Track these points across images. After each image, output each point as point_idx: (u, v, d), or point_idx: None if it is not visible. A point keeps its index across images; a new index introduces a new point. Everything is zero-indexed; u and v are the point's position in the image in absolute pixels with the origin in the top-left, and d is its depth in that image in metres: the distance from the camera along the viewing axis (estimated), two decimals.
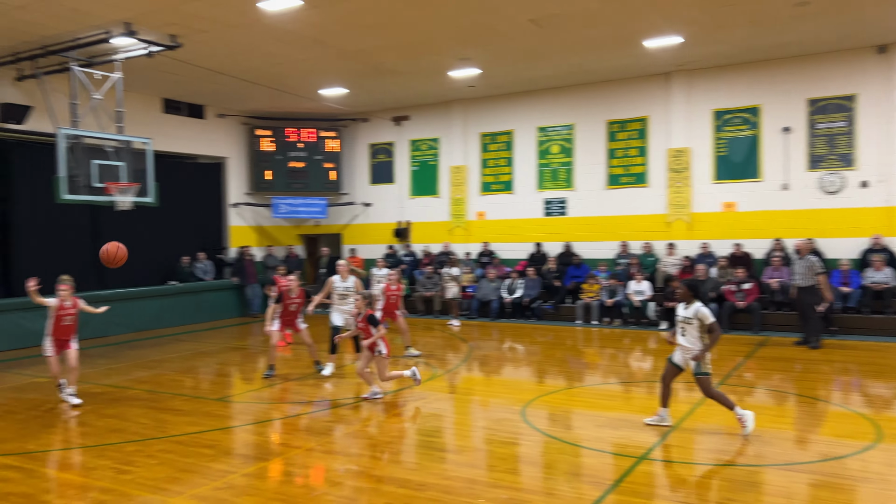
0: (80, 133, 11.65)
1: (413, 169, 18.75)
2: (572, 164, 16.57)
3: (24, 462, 6.40)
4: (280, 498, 5.35)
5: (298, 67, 13.93)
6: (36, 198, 13.90)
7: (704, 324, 6.69)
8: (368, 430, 7.30)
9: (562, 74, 15.26)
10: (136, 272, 16.23)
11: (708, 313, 6.71)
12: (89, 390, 9.44)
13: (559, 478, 5.72)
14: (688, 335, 6.81)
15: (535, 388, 9.26)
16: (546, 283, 15.88)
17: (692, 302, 6.81)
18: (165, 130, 16.36)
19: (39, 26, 10.86)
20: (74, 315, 8.62)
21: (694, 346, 6.76)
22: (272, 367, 10.00)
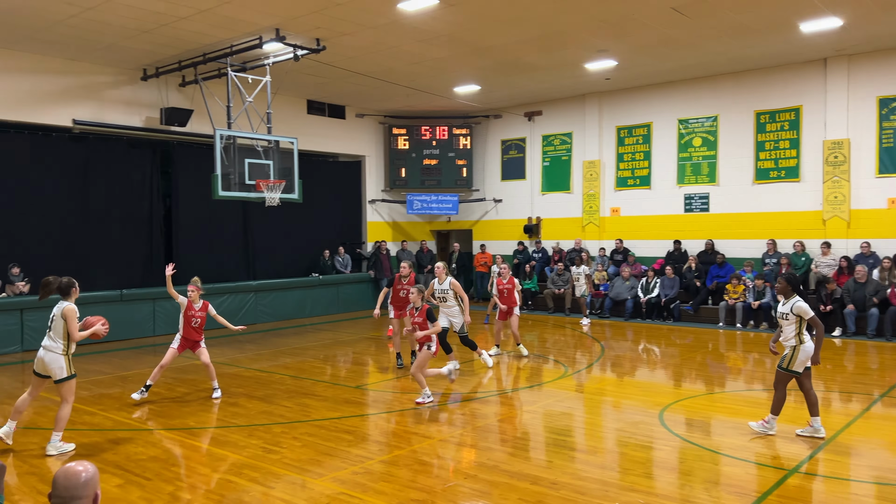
0: (234, 134, 12.51)
1: (545, 164, 18.57)
2: (716, 157, 15.74)
3: (185, 437, 6.97)
4: (415, 486, 5.48)
5: (434, 66, 14.19)
6: (194, 194, 15.09)
7: (804, 319, 6.46)
8: (500, 425, 7.31)
9: (705, 63, 14.53)
10: (282, 264, 17.29)
11: (806, 308, 6.46)
12: (240, 374, 10.14)
13: (698, 485, 5.45)
14: (784, 331, 6.61)
15: (672, 391, 8.90)
16: (685, 282, 15.21)
17: (791, 296, 6.59)
18: (309, 130, 17.23)
19: (200, 35, 11.75)
20: (202, 318, 8.54)
21: (790, 342, 6.55)
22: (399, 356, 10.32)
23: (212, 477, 5.74)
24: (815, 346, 6.55)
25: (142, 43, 12.14)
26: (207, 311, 8.62)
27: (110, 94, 13.86)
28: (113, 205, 14.30)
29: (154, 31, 11.45)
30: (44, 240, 13.34)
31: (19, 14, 10.58)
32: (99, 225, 14.08)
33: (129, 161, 14.60)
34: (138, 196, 14.73)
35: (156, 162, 15.04)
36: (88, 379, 9.81)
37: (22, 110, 12.69)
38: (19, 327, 12.10)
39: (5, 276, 12.53)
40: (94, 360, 11.34)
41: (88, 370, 10.45)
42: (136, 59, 13.23)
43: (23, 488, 5.55)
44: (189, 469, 5.94)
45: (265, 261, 16.99)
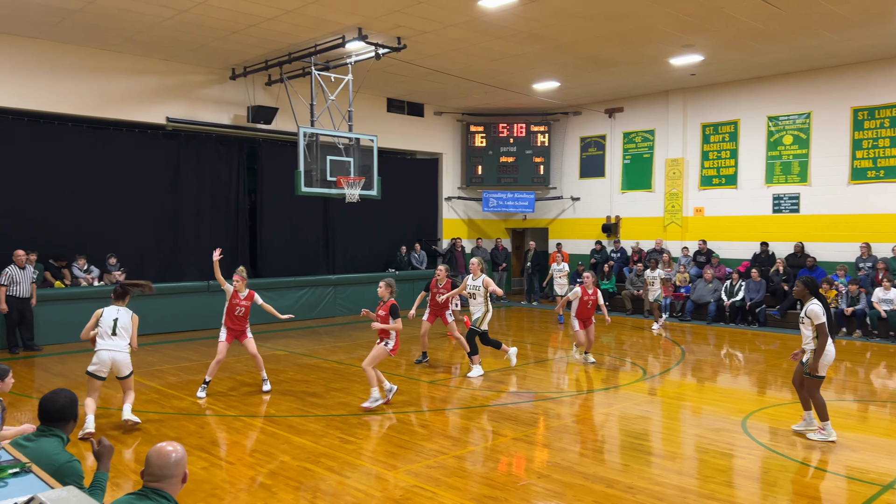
0: (317, 131, 12.82)
1: (625, 162, 18.19)
2: (808, 156, 15.02)
3: (266, 424, 7.21)
4: (487, 483, 5.49)
5: (513, 63, 14.12)
6: (278, 190, 15.56)
7: (814, 324, 6.48)
8: (575, 426, 7.23)
9: (797, 58, 13.88)
10: (360, 259, 17.62)
11: (819, 312, 6.47)
12: (318, 365, 10.40)
13: (782, 497, 5.23)
14: (803, 334, 6.64)
15: (756, 399, 8.57)
16: (772, 286, 14.58)
17: (808, 300, 6.60)
18: (388, 128, 17.47)
19: (286, 35, 12.10)
20: (247, 307, 8.52)
21: (808, 345, 6.58)
22: (424, 354, 10.54)
23: (290, 464, 5.92)
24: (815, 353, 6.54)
25: (231, 43, 12.61)
26: (253, 301, 8.58)
27: (201, 93, 14.47)
28: (202, 199, 14.93)
29: (243, 31, 11.87)
30: (138, 232, 14.06)
31: (121, 18, 11.18)
32: (188, 218, 14.73)
33: (218, 157, 15.19)
34: (226, 191, 15.33)
35: (242, 158, 15.60)
36: (177, 365, 10.28)
37: (120, 108, 13.40)
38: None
39: (103, 266, 13.27)
40: (181, 347, 11.88)
41: (177, 357, 10.96)
42: (225, 59, 13.75)
43: (116, 465, 5.87)
44: (269, 455, 6.15)
45: (344, 256, 17.35)
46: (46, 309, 11.80)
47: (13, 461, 2.86)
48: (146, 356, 11.02)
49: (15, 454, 2.99)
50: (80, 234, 13.20)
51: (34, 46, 12.30)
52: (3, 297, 10.85)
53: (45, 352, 11.30)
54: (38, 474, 2.77)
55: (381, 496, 5.22)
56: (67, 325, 12.11)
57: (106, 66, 13.14)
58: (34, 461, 3.02)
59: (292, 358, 10.97)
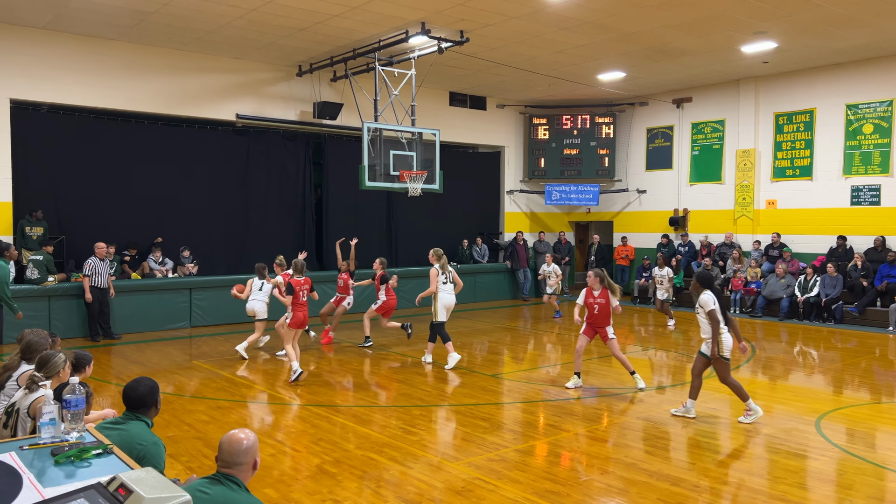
0: (380, 126, 12.97)
1: (693, 154, 17.71)
2: (890, 145, 14.30)
3: (331, 413, 7.37)
4: (549, 478, 5.47)
5: (577, 54, 13.93)
6: (343, 184, 15.83)
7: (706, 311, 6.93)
8: (639, 422, 7.12)
9: (878, 43, 13.21)
10: (423, 252, 17.69)
11: (709, 301, 6.92)
12: (385, 356, 10.55)
13: (858, 501, 5.02)
14: (700, 325, 7.10)
15: (831, 398, 8.24)
16: (850, 282, 13.97)
17: (701, 292, 7.06)
18: (451, 122, 17.51)
19: (350, 31, 12.28)
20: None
21: (706, 335, 7.01)
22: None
23: (354, 453, 6.04)
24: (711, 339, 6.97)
25: (297, 41, 12.88)
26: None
27: (269, 90, 14.84)
28: (271, 193, 15.33)
29: (308, 28, 12.10)
30: (210, 225, 14.55)
31: (193, 18, 11.57)
32: (257, 212, 15.14)
33: (285, 152, 15.56)
34: (293, 185, 15.68)
35: (308, 153, 15.93)
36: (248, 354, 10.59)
37: (191, 106, 13.88)
38: (188, 305, 13.28)
39: (177, 258, 13.80)
40: None
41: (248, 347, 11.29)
42: (291, 56, 14.06)
43: (190, 450, 6.11)
44: (333, 444, 6.28)
45: (407, 248, 17.52)
46: (124, 299, 12.36)
47: (97, 443, 3.02)
48: (217, 346, 11.41)
49: (98, 436, 3.16)
50: (155, 227, 13.74)
51: (114, 48, 12.86)
52: (87, 287, 11.42)
53: (122, 340, 11.83)
54: (119, 456, 2.91)
55: (442, 487, 5.27)
56: (143, 315, 12.68)
57: (179, 66, 13.63)
58: (120, 444, 3.18)
59: (357, 350, 11.16)
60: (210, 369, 9.52)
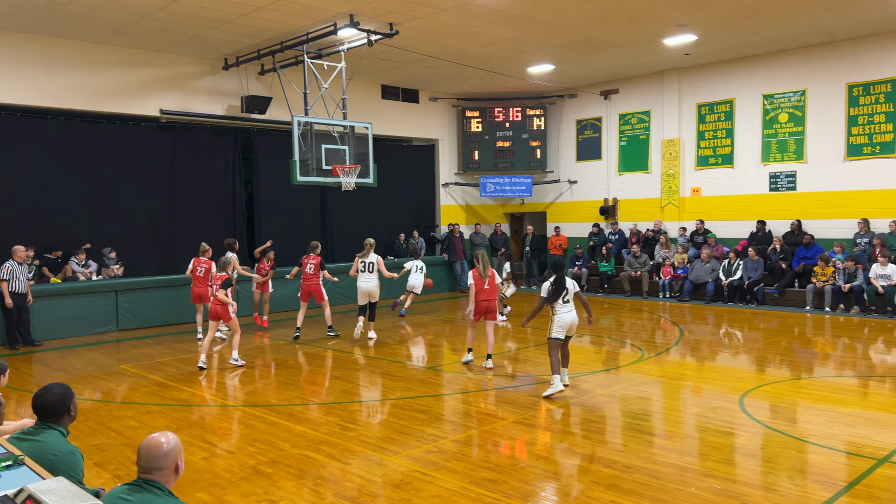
0: (311, 120, 12.78)
1: (621, 144, 18.14)
2: (804, 133, 14.99)
3: (266, 413, 7.25)
4: (487, 466, 5.53)
5: (507, 46, 14.05)
6: (274, 179, 15.54)
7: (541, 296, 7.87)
8: (574, 408, 7.26)
9: (792, 35, 13.81)
10: (359, 247, 17.55)
11: (543, 288, 7.83)
12: (318, 353, 10.44)
13: (781, 473, 5.27)
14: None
15: (755, 377, 8.60)
16: (770, 264, 14.61)
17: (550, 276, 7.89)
18: (383, 115, 17.41)
19: (278, 23, 12.04)
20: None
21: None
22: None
23: (290, 452, 5.95)
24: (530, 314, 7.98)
25: (223, 33, 12.54)
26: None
27: (194, 84, 14.41)
28: (199, 191, 14.91)
29: (234, 20, 11.80)
30: (136, 225, 14.05)
31: (111, 10, 11.11)
32: (185, 210, 14.71)
33: (213, 148, 15.16)
34: (222, 182, 15.30)
35: (238, 149, 15.56)
36: (178, 357, 10.31)
37: (112, 101, 13.35)
38: (114, 308, 12.81)
39: (101, 260, 13.28)
40: (182, 339, 11.91)
41: (178, 349, 10.99)
42: (217, 49, 13.69)
43: (118, 457, 5.91)
44: (269, 444, 6.18)
45: (342, 243, 17.35)
46: (45, 304, 11.83)
47: (6, 454, 2.88)
48: (146, 349, 11.06)
49: (9, 448, 3.01)
50: (78, 228, 13.18)
51: (25, 41, 12.23)
52: (6, 291, 10.86)
53: (44, 347, 11.33)
54: (31, 467, 2.78)
55: (381, 481, 5.26)
56: (67, 320, 12.16)
57: (97, 60, 13.08)
58: (33, 456, 3.04)
59: (292, 347, 11.01)
60: (139, 373, 9.22)
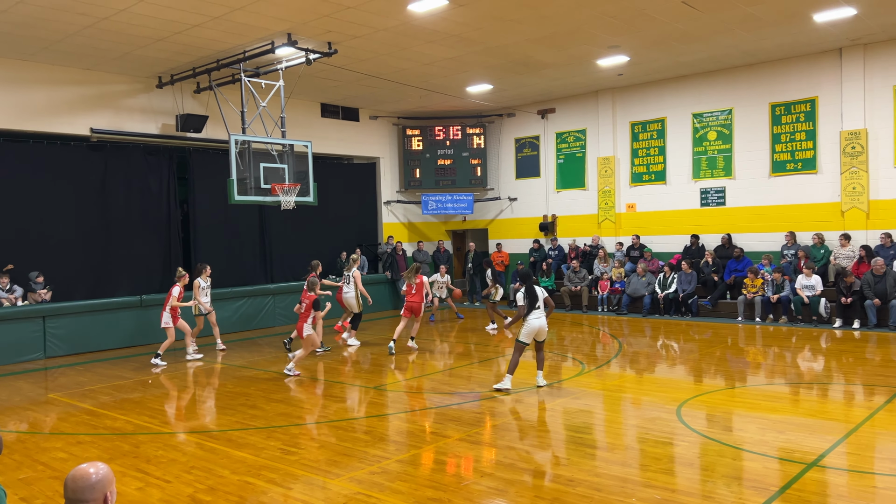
0: (249, 138, 12.62)
1: (559, 162, 18.53)
2: (731, 150, 15.62)
3: (204, 439, 7.05)
4: (431, 485, 5.51)
5: (445, 66, 14.21)
6: (211, 199, 15.23)
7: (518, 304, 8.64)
8: (517, 423, 7.32)
9: (718, 57, 14.42)
10: (300, 266, 17.37)
11: (519, 297, 8.60)
12: (258, 376, 10.23)
13: (718, 481, 5.43)
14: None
15: (691, 387, 8.85)
16: (703, 277, 15.10)
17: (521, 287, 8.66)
18: (323, 133, 17.33)
19: (213, 42, 11.87)
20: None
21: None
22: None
23: (230, 479, 5.80)
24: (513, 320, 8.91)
25: (156, 51, 12.29)
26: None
27: (127, 103, 14.05)
28: (132, 211, 14.48)
29: (168, 38, 11.59)
30: (65, 247, 13.54)
31: (37, 27, 10.75)
32: (118, 232, 14.26)
33: (147, 168, 14.77)
34: (156, 202, 14.90)
35: (173, 168, 15.21)
36: (110, 384, 9.94)
37: (39, 120, 12.89)
38: (41, 335, 12.28)
39: (27, 284, 12.73)
40: (115, 365, 11.49)
41: (110, 375, 10.60)
42: (150, 67, 13.39)
43: (46, 491, 5.64)
44: (208, 471, 6.01)
45: (282, 264, 17.10)
46: None
47: None
48: (77, 376, 10.62)
49: None
50: (2, 251, 12.61)
51: None
52: None
53: None
54: None
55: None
56: None
57: (24, 78, 12.63)
58: None
59: (231, 371, 10.76)
60: (69, 402, 8.84)
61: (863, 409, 7.37)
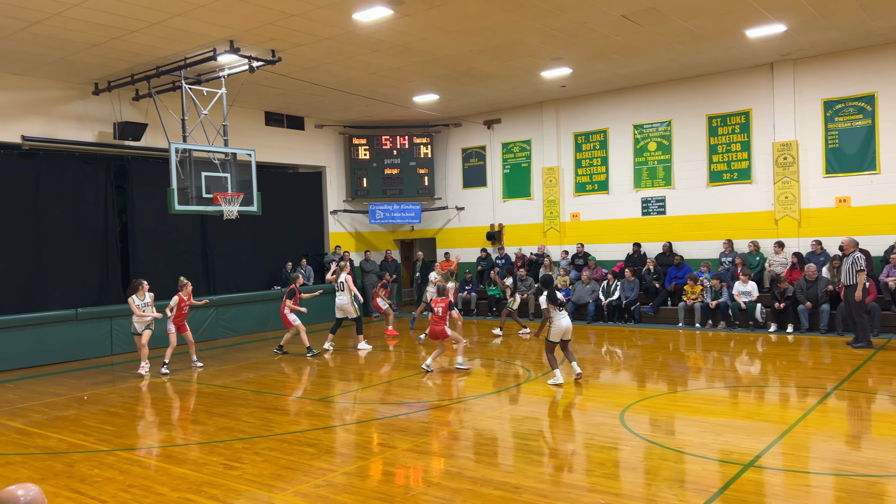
0: (190, 147, 12.35)
1: (505, 172, 18.72)
2: (671, 161, 16.06)
3: (143, 457, 6.83)
4: (378, 497, 5.45)
5: (391, 76, 14.21)
6: (151, 209, 14.83)
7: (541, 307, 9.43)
8: (464, 432, 7.32)
9: (657, 70, 14.83)
10: (243, 278, 17.07)
11: (542, 300, 9.35)
12: (201, 390, 9.98)
13: (660, 484, 5.53)
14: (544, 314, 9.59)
15: (634, 392, 9.02)
16: (645, 284, 15.44)
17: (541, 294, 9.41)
18: (268, 142, 17.09)
19: (152, 48, 11.60)
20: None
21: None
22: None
23: (170, 497, 5.63)
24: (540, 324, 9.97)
25: (92, 57, 11.93)
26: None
27: (60, 110, 13.58)
28: (66, 222, 13.97)
29: (104, 44, 11.26)
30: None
31: None
32: (52, 243, 13.74)
33: (83, 177, 14.28)
34: (93, 212, 14.42)
35: (110, 177, 14.74)
36: (42, 402, 9.54)
37: None
38: None
39: None
40: (47, 382, 11.05)
41: (42, 392, 10.18)
42: (86, 73, 12.99)
43: None
44: (146, 489, 5.82)
45: (225, 275, 16.76)
46: None
47: None
48: (7, 394, 10.17)
49: None
50: None
51: None
52: None
53: None
54: None
55: None
56: None
57: None
58: None
59: (172, 384, 10.47)
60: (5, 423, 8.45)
61: (796, 411, 7.64)
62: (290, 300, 12.65)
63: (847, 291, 11.37)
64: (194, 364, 11.74)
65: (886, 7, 11.18)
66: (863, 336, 11.26)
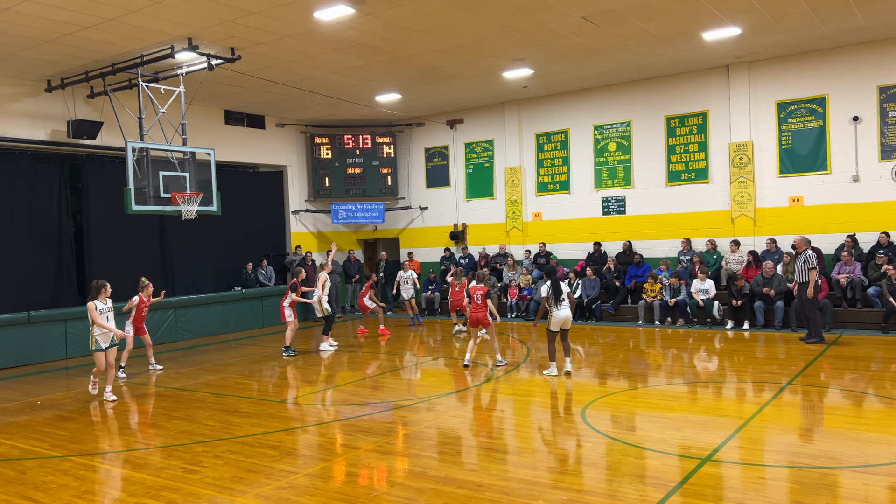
0: (147, 146, 12.10)
1: (468, 171, 18.77)
2: (630, 161, 16.29)
3: (99, 462, 6.68)
4: (341, 498, 5.43)
5: (353, 75, 14.14)
6: (107, 209, 14.50)
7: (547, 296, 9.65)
8: (428, 431, 7.33)
9: (617, 71, 15.03)
10: (203, 279, 16.78)
11: (543, 290, 9.70)
12: (160, 393, 9.80)
13: (621, 479, 5.61)
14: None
15: (595, 389, 9.13)
16: (605, 283, 15.64)
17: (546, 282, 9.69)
18: (227, 141, 16.85)
19: (108, 45, 11.34)
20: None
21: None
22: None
23: (127, 502, 5.52)
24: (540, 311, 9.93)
25: (44, 53, 11.61)
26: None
27: (11, 107, 13.18)
28: (18, 222, 13.57)
29: (57, 40, 10.97)
30: None
31: None
32: (3, 244, 13.33)
33: (35, 176, 13.89)
34: (46, 212, 14.03)
35: (64, 177, 14.36)
36: None
37: None
38: None
39: None
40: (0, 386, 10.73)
41: None
42: (38, 69, 12.63)
43: None
44: (103, 495, 5.70)
45: (184, 276, 16.47)
46: None
47: None
48: None
49: None
50: None
51: None
52: None
53: None
54: None
55: None
56: None
57: None
58: None
59: (129, 388, 10.25)
60: None
61: (752, 405, 7.82)
62: (294, 293, 12.64)
63: (800, 289, 11.69)
64: (152, 367, 11.53)
65: (836, 11, 11.52)
66: (815, 332, 11.58)
